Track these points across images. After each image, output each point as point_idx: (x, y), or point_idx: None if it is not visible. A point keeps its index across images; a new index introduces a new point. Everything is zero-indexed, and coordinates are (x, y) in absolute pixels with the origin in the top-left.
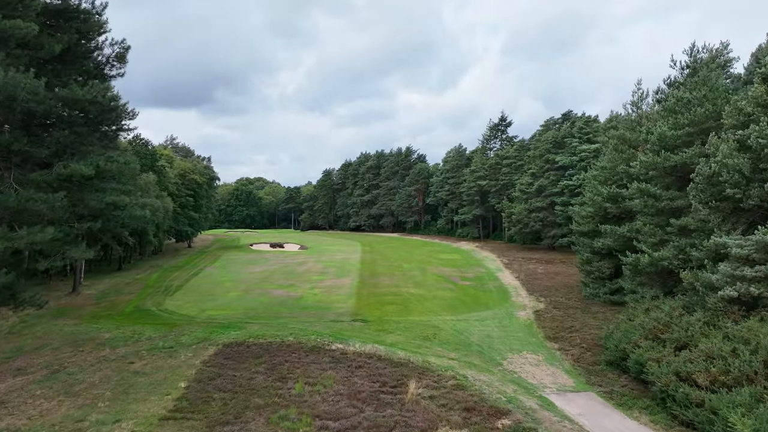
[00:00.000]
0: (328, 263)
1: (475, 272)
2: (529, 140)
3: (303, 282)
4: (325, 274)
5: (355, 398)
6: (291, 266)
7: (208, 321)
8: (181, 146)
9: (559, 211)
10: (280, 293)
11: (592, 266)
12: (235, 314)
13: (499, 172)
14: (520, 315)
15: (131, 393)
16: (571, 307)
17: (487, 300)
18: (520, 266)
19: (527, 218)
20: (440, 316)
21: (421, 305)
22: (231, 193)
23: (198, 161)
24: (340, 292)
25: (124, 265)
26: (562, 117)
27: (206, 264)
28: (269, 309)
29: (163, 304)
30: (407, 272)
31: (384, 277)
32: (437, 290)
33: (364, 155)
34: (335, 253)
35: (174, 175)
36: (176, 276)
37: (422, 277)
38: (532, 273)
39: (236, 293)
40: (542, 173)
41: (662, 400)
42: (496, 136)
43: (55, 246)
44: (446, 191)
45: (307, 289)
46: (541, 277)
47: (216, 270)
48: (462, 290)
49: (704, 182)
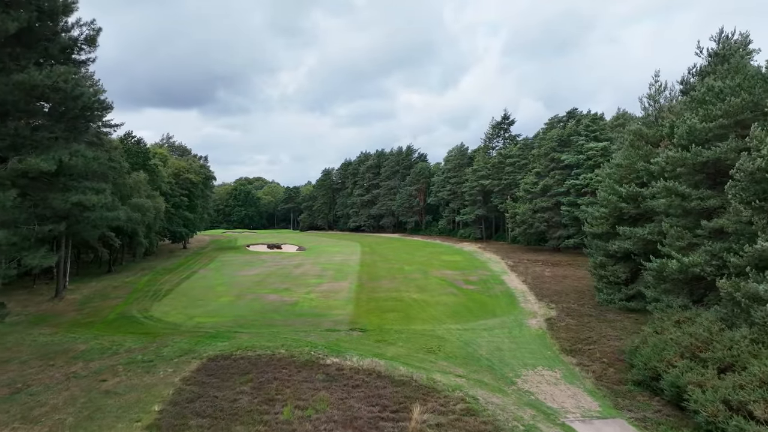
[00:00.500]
0: (326, 265)
1: (480, 275)
2: (533, 139)
3: (299, 286)
4: (323, 276)
5: (351, 426)
6: (287, 268)
7: (194, 330)
8: (177, 145)
9: (565, 211)
10: (274, 298)
11: (606, 270)
12: (225, 322)
13: (502, 172)
14: (531, 324)
15: (96, 418)
16: (585, 314)
17: (494, 306)
18: (526, 269)
19: (532, 219)
20: (445, 325)
21: (423, 312)
22: (229, 193)
23: (194, 160)
24: (337, 297)
25: (114, 268)
26: (566, 115)
27: (200, 266)
28: (262, 316)
29: (149, 311)
30: (408, 275)
31: (384, 280)
32: (440, 295)
33: (364, 154)
34: (334, 254)
35: (168, 174)
36: (167, 279)
37: (424, 281)
38: (539, 276)
39: (228, 298)
40: (547, 172)
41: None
42: (498, 134)
43: (11, 251)
44: (448, 191)
45: (302, 293)
46: (548, 280)
47: (209, 272)
48: (467, 295)
49: (746, 179)
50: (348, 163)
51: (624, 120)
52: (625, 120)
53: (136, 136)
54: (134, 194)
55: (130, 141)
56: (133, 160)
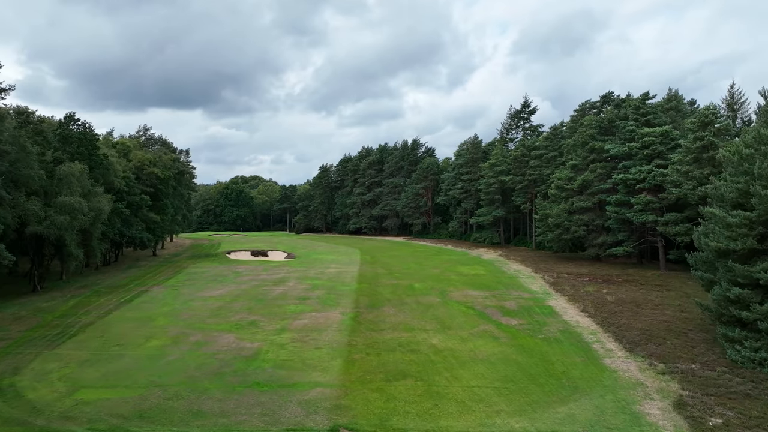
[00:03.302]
0: (316, 281)
1: (517, 299)
2: (562, 126)
3: (271, 317)
4: (308, 300)
5: None
6: (265, 286)
7: (58, 424)
8: (157, 137)
9: (611, 212)
10: (228, 342)
11: (751, 312)
12: (124, 400)
13: (525, 166)
14: (651, 414)
15: None
16: (733, 391)
17: (564, 366)
18: (574, 288)
19: (568, 222)
20: (500, 419)
21: (455, 380)
22: (220, 192)
23: (165, 152)
24: (320, 341)
25: (42, 285)
26: (600, 100)
27: (156, 282)
28: (191, 387)
29: (19, 372)
30: (421, 298)
31: (389, 306)
32: (474, 338)
33: (365, 149)
34: (328, 264)
35: (125, 167)
36: (100, 304)
37: (444, 309)
38: (601, 302)
39: (159, 342)
40: (586, 165)
41: None
42: (518, 124)
43: None
44: (459, 189)
45: (272, 332)
46: (617, 309)
47: (162, 293)
48: (513, 338)
49: None
50: (348, 159)
51: (677, 102)
52: (678, 102)
53: (80, 119)
54: (64, 191)
55: (72, 125)
56: (73, 148)
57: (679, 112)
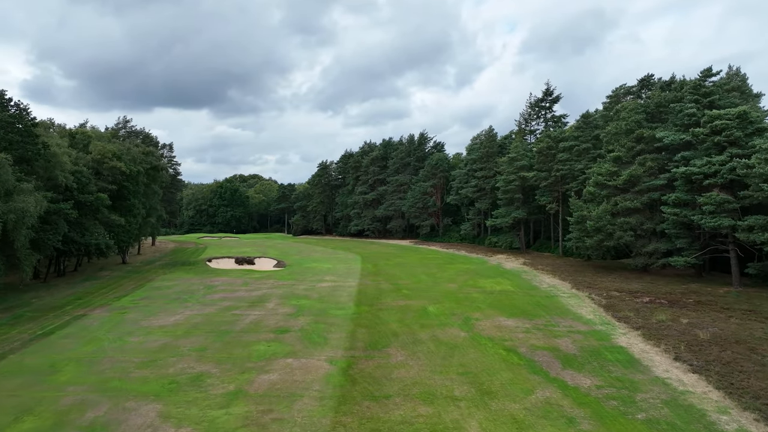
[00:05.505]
0: (303, 301)
1: (571, 333)
2: (595, 113)
3: (227, 368)
4: (285, 335)
5: None
6: (236, 309)
7: None
8: (138, 130)
9: (669, 214)
10: (140, 424)
11: None
12: None
13: (552, 160)
14: None
15: None
16: None
17: None
18: (640, 315)
19: (611, 225)
20: None
21: None
22: (213, 192)
23: (135, 144)
24: (288, 422)
25: None
26: (639, 84)
27: (103, 302)
28: None
29: None
30: (440, 332)
31: (396, 348)
32: (533, 419)
33: (368, 144)
34: (322, 276)
35: (80, 161)
36: (8, 337)
37: (476, 353)
38: (692, 340)
39: (29, 425)
40: (632, 157)
41: None
42: (539, 115)
43: None
44: (473, 187)
45: (216, 404)
46: (724, 355)
47: (100, 320)
48: (596, 418)
49: None
50: (349, 155)
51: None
52: (743, 82)
53: (13, 99)
54: None
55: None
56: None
57: (744, 93)
